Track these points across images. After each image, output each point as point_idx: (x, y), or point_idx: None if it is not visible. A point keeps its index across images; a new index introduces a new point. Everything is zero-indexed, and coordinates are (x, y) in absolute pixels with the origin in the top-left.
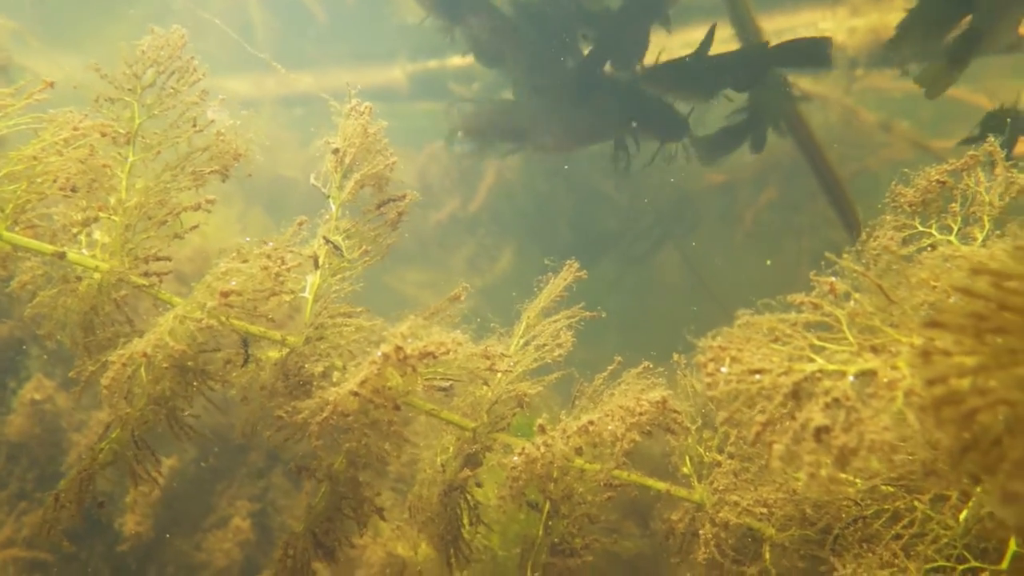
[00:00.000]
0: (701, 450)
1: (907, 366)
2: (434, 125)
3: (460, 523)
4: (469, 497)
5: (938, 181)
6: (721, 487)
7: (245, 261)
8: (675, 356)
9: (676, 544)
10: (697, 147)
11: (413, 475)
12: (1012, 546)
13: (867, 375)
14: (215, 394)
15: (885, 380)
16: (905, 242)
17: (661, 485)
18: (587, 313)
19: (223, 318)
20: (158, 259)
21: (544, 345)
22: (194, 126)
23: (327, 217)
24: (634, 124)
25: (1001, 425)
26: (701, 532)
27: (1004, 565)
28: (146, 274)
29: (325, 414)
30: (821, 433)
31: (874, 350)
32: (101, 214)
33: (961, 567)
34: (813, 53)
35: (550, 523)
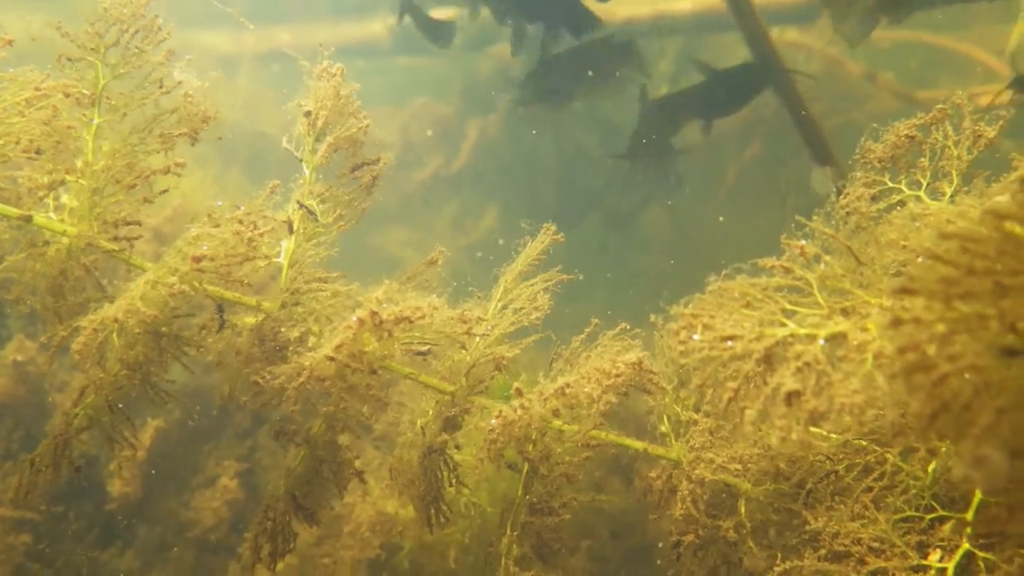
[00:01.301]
0: (678, 409)
1: (877, 328)
2: (415, 81)
3: (440, 485)
4: (449, 459)
5: (907, 136)
6: (697, 445)
7: (217, 226)
8: (652, 317)
9: (654, 500)
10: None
11: (399, 435)
12: (978, 495)
13: (838, 338)
14: (198, 356)
15: (855, 343)
16: (875, 199)
17: (639, 444)
18: (564, 276)
19: (196, 283)
20: (128, 223)
21: (521, 308)
22: (161, 87)
23: (301, 181)
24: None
25: (970, 390)
26: (678, 489)
27: (970, 514)
28: (116, 239)
29: (301, 379)
30: (792, 398)
31: (844, 312)
32: (67, 177)
33: (929, 516)
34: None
35: (530, 483)
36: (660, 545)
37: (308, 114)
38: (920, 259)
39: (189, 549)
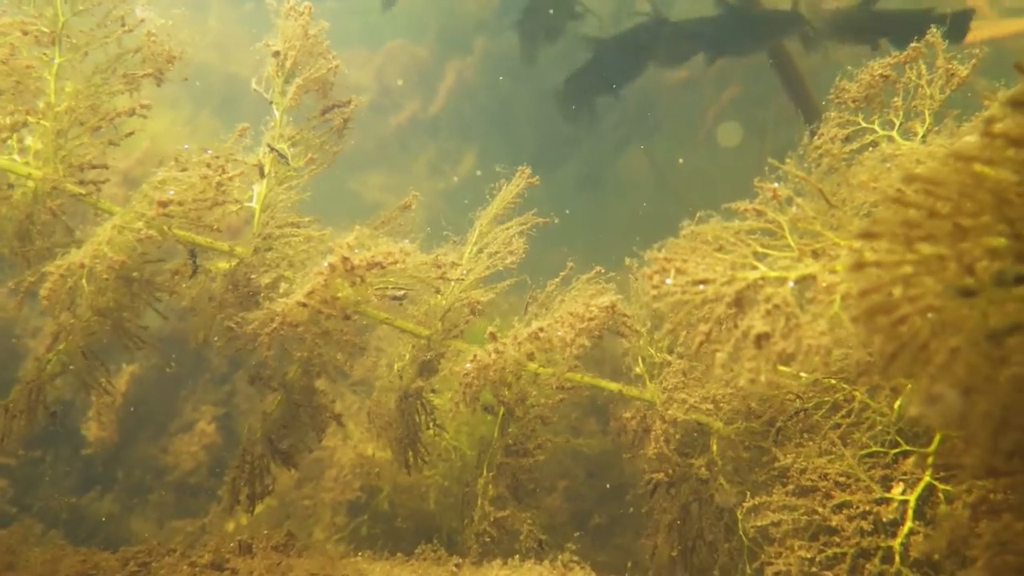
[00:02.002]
0: (652, 351)
1: (844, 270)
2: (392, 22)
3: (417, 427)
4: (425, 403)
5: (881, 75)
6: (670, 386)
7: (184, 170)
8: (627, 260)
9: (628, 441)
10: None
11: (377, 379)
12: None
13: (807, 280)
14: (173, 301)
15: (824, 284)
16: (848, 139)
17: (613, 386)
18: (539, 219)
19: (165, 228)
20: (94, 167)
21: (496, 252)
22: (123, 25)
23: (272, 124)
24: None
25: (928, 330)
26: (652, 429)
27: (932, 448)
28: (82, 182)
29: (274, 325)
30: (761, 340)
31: (815, 255)
32: (29, 119)
33: (893, 451)
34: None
35: (506, 426)
36: (634, 483)
37: (277, 54)
38: (885, 202)
39: (168, 492)
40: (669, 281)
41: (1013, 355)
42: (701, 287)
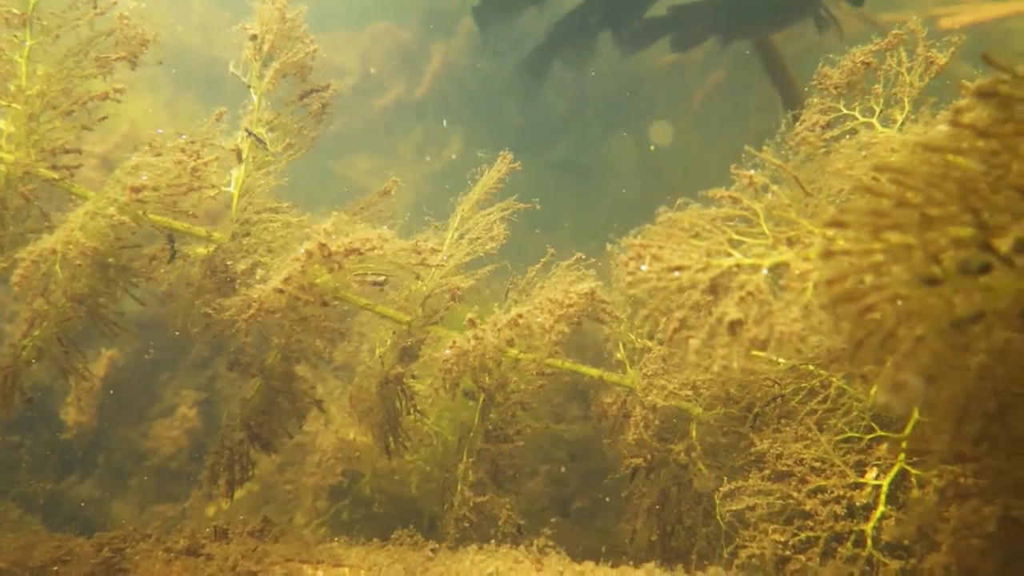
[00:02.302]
0: (633, 337)
1: (815, 257)
2: (376, 4)
3: (397, 413)
4: (406, 388)
5: (863, 62)
6: (650, 372)
7: (158, 155)
8: (608, 246)
9: (609, 426)
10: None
11: (359, 364)
12: (915, 415)
13: (781, 267)
14: (154, 287)
15: (797, 272)
16: (830, 126)
17: (594, 371)
18: (521, 205)
19: (140, 214)
20: (67, 151)
21: (477, 238)
22: (95, 7)
23: (250, 108)
24: None
25: (894, 319)
26: (632, 414)
27: (906, 433)
28: (55, 167)
29: (251, 311)
30: (735, 327)
31: (790, 242)
32: (1, 101)
33: (868, 437)
34: None
35: (487, 411)
36: (616, 467)
37: (254, 38)
38: (855, 191)
39: (149, 477)
40: (645, 268)
41: (977, 343)
42: (676, 274)
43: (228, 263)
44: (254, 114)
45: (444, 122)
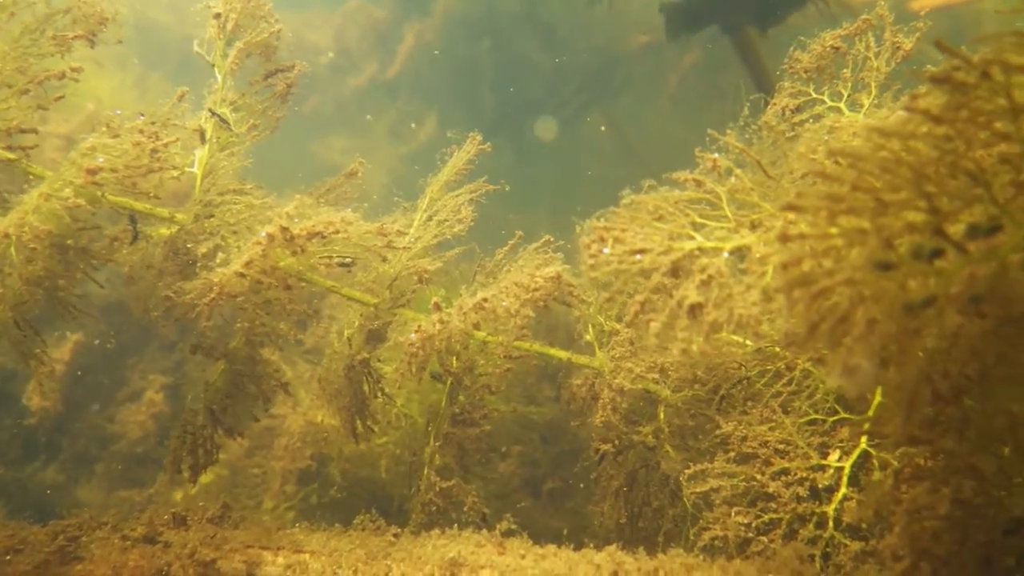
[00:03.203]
0: (602, 319)
1: (771, 241)
2: None
3: (364, 396)
4: (373, 371)
5: (832, 46)
6: (618, 355)
7: (116, 136)
8: (577, 229)
9: (578, 408)
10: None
11: (328, 346)
12: (877, 397)
13: (743, 251)
14: (119, 268)
15: (758, 255)
16: (799, 110)
17: (562, 354)
18: (490, 187)
19: (98, 195)
20: (23, 131)
21: (445, 220)
22: None
23: (215, 88)
24: None
25: (847, 303)
26: (600, 397)
27: (868, 415)
28: (11, 148)
29: (212, 295)
30: (695, 310)
31: (753, 226)
32: None
33: (832, 419)
34: None
35: (455, 394)
36: (588, 448)
37: (217, 16)
38: (811, 175)
39: (115, 462)
40: (607, 250)
41: (928, 327)
42: (638, 257)
43: (190, 245)
44: (218, 94)
45: (412, 125)
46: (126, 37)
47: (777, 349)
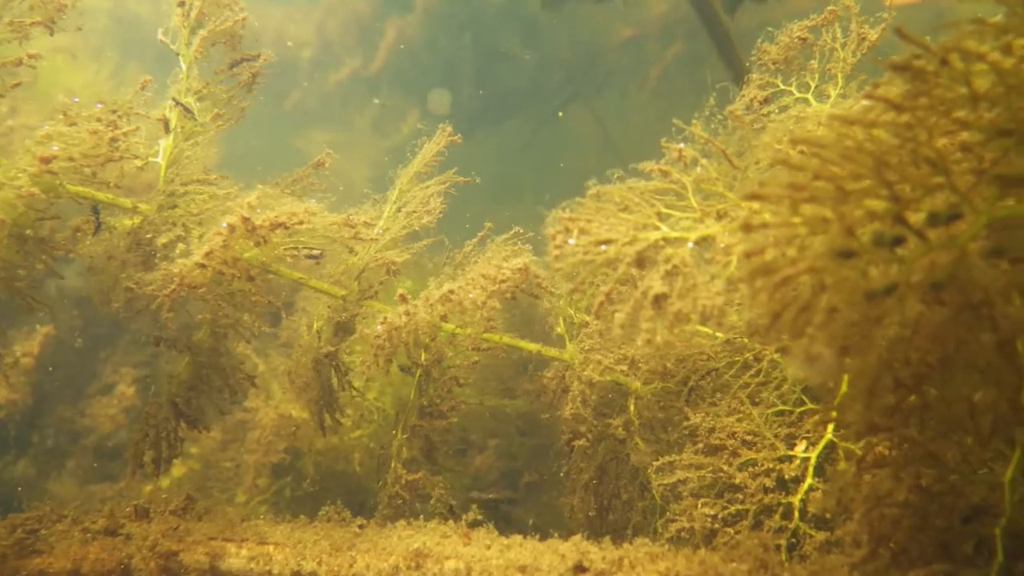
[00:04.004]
0: (572, 311)
1: (734, 231)
2: None
3: (332, 389)
4: (341, 364)
5: (800, 37)
6: (587, 347)
7: (73, 124)
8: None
9: (548, 401)
10: None
11: (297, 339)
12: (844, 387)
13: (708, 241)
14: (87, 260)
15: (722, 245)
16: (768, 101)
17: (532, 346)
18: (460, 179)
19: (57, 184)
20: None
21: (414, 212)
22: None
23: (180, 77)
24: None
25: (809, 292)
26: (571, 389)
27: (834, 405)
28: None
29: (173, 287)
30: (659, 300)
31: (718, 216)
32: None
33: (799, 409)
34: None
35: (424, 387)
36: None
37: (181, 4)
38: (773, 164)
39: (87, 456)
40: (572, 241)
41: (889, 315)
42: (603, 247)
43: (150, 236)
44: (183, 83)
45: (376, 99)
46: (104, 28)
47: (745, 340)
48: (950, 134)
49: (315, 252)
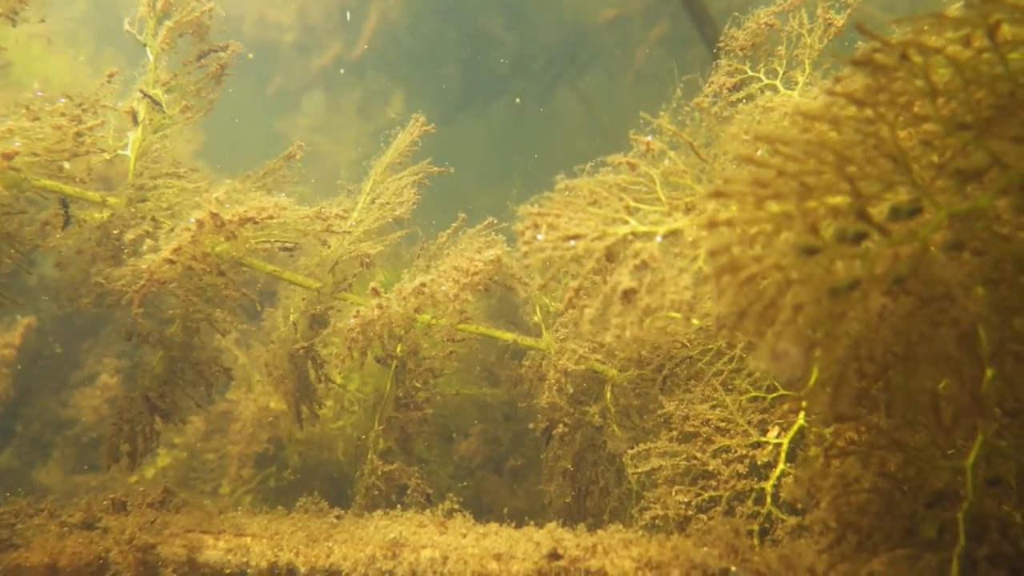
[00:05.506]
0: (548, 301)
1: (699, 227)
2: None
3: (309, 381)
4: (316, 355)
5: (766, 23)
6: (562, 336)
7: (36, 119)
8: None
9: (524, 390)
10: None
11: (274, 330)
12: (815, 373)
13: (676, 234)
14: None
15: (690, 239)
16: (736, 88)
17: (508, 336)
18: (434, 168)
19: (23, 178)
20: None
21: (387, 203)
22: None
23: (148, 68)
24: None
25: (774, 289)
26: (547, 378)
27: (806, 391)
28: None
29: (142, 282)
30: (628, 295)
31: (687, 208)
32: None
33: (771, 396)
34: None
35: (401, 378)
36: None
37: None
38: (736, 160)
39: (70, 447)
40: (541, 237)
41: (852, 310)
42: (572, 243)
43: (116, 231)
44: (151, 74)
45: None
46: (82, 15)
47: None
48: (911, 128)
49: (288, 245)
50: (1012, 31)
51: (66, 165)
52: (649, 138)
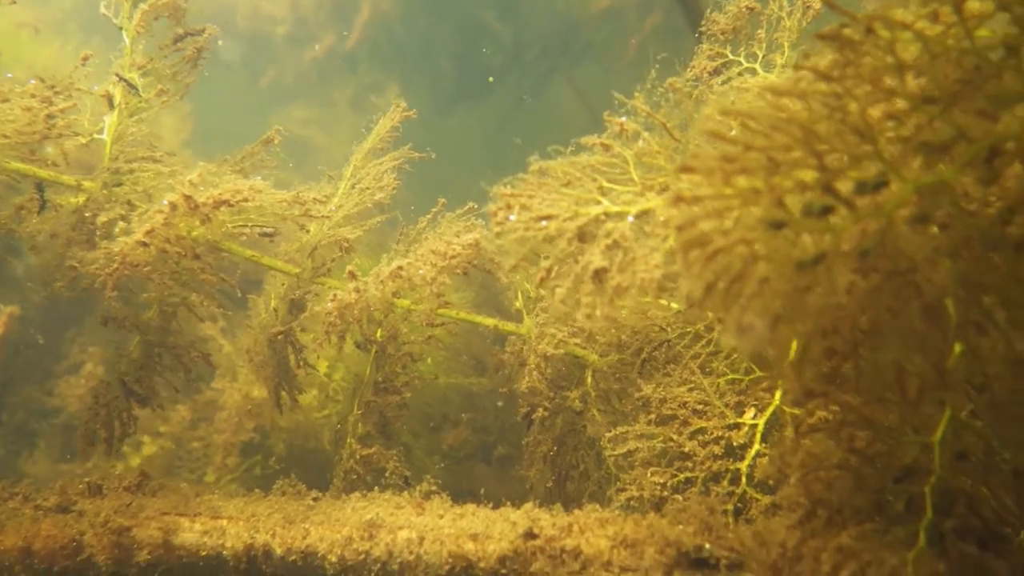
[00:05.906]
0: (528, 286)
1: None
2: None
3: (289, 367)
4: (296, 341)
5: (747, 7)
6: (542, 321)
7: (5, 101)
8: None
9: (506, 375)
10: None
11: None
12: (791, 355)
13: (648, 214)
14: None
15: (662, 218)
16: (717, 72)
17: (489, 321)
18: (415, 154)
19: None
20: None
21: (367, 188)
22: None
23: (124, 51)
24: None
25: (740, 263)
26: (527, 363)
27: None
28: None
29: (115, 265)
30: (600, 275)
31: (660, 189)
32: None
33: (748, 378)
34: None
35: (381, 363)
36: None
37: None
38: (704, 136)
39: (56, 436)
40: (513, 217)
41: (818, 284)
42: (544, 223)
43: (92, 215)
44: (126, 58)
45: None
46: (71, 4)
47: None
48: (880, 103)
49: (268, 230)
50: (979, 7)
51: (49, 150)
52: (624, 119)
